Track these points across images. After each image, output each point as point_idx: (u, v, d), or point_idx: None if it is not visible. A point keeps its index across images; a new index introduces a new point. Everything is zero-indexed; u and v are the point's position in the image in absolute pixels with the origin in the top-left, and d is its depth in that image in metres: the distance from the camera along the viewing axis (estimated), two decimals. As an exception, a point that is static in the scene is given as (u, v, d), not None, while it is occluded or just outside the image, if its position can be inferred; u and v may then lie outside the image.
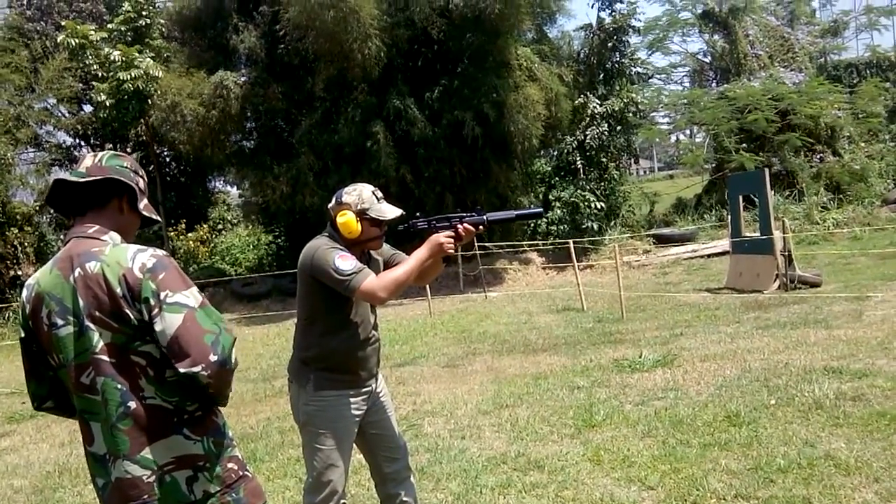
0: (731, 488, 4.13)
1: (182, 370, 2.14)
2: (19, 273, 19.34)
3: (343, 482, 3.39)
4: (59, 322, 2.23)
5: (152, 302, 2.17)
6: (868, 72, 30.43)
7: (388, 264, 3.48)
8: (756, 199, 13.63)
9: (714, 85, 27.52)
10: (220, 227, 26.27)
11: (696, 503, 4.01)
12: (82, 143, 25.45)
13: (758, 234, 12.60)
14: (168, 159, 24.19)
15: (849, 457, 4.37)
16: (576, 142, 21.18)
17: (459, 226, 3.32)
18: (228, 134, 18.70)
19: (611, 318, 10.95)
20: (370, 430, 3.50)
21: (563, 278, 17.71)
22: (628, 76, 22.87)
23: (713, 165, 24.45)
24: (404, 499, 3.61)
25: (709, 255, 17.95)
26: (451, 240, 3.26)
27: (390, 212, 3.36)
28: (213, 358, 2.15)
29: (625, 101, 21.17)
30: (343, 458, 3.36)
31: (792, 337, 7.86)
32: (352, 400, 3.38)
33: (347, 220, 3.27)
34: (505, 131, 17.63)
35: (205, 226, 24.26)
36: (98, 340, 2.20)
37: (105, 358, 2.20)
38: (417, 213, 3.51)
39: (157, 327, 2.15)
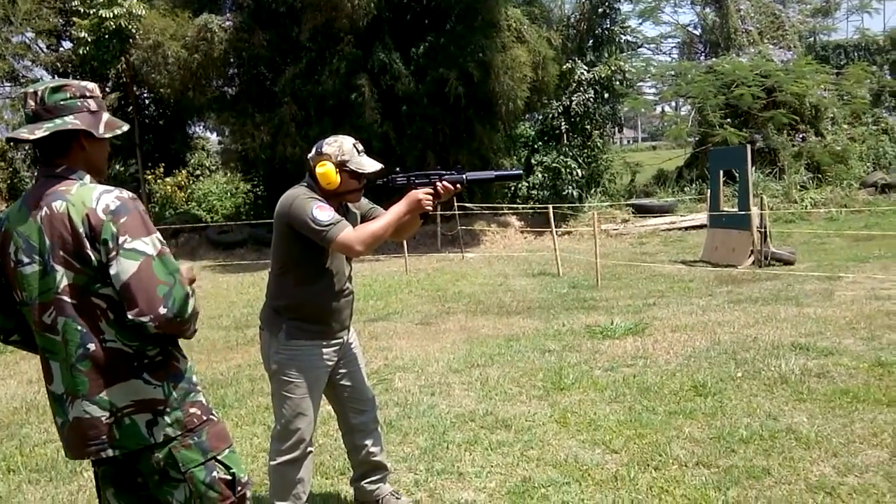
0: (693, 455, 4.20)
1: (130, 316, 2.14)
2: (-9, 209, 19.11)
3: (311, 431, 3.41)
4: (25, 260, 2.22)
5: (110, 244, 2.15)
6: (856, 54, 30.54)
7: (366, 218, 3.46)
8: (737, 175, 13.68)
9: (703, 58, 27.45)
10: (198, 173, 26.00)
11: (658, 468, 4.06)
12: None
13: (736, 209, 12.67)
14: (147, 101, 23.82)
15: (810, 431, 4.44)
16: (561, 107, 21.09)
17: (438, 183, 3.31)
18: (210, 79, 18.40)
19: (585, 284, 11.01)
20: (340, 381, 3.52)
21: (540, 243, 17.75)
22: (617, 44, 22.76)
23: (696, 139, 24.48)
24: (371, 450, 3.64)
25: (686, 228, 18.08)
26: (430, 197, 3.25)
27: (370, 165, 3.34)
28: (162, 311, 2.14)
29: (612, 68, 21.06)
30: (312, 407, 3.37)
31: (762, 312, 7.95)
32: (323, 350, 3.38)
33: (326, 171, 3.23)
34: (490, 92, 17.50)
35: (183, 171, 24.00)
36: (61, 280, 2.19)
37: (67, 298, 2.19)
38: (397, 169, 3.48)
39: (112, 271, 2.14)
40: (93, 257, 2.17)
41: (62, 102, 2.26)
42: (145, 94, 23.43)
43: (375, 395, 3.79)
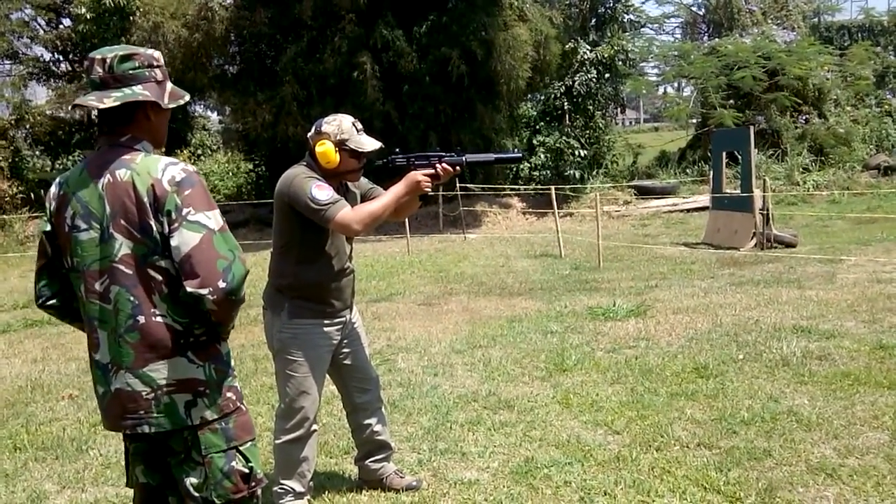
0: (695, 437, 4.22)
1: (189, 289, 2.14)
2: (-7, 187, 19.07)
3: (315, 410, 3.43)
4: (82, 225, 2.21)
5: (173, 216, 2.15)
6: (860, 35, 30.36)
7: (365, 198, 3.47)
8: (739, 157, 13.65)
9: (706, 38, 27.33)
10: (199, 152, 25.95)
11: (659, 449, 4.09)
12: (60, 57, 24.87)
13: (738, 191, 12.66)
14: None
15: (811, 413, 4.46)
16: (563, 87, 21.00)
17: (438, 165, 3.30)
18: (211, 57, 18.35)
19: (587, 266, 11.02)
20: (343, 360, 3.54)
21: (542, 224, 17.74)
22: (620, 23, 22.62)
23: (698, 120, 24.40)
24: (375, 429, 3.67)
25: (688, 210, 18.06)
26: (429, 179, 3.25)
27: (369, 144, 3.34)
28: (221, 284, 2.14)
29: (615, 48, 20.96)
30: (316, 385, 3.39)
31: (764, 295, 7.97)
32: (326, 329, 3.40)
33: (326, 150, 3.24)
34: (492, 71, 17.44)
35: (184, 151, 23.94)
36: (120, 249, 2.18)
37: (123, 268, 2.18)
38: (397, 150, 3.49)
39: (174, 242, 2.14)
40: (155, 228, 2.16)
41: (131, 72, 2.25)
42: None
43: (378, 376, 3.81)
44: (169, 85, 2.33)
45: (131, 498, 3.81)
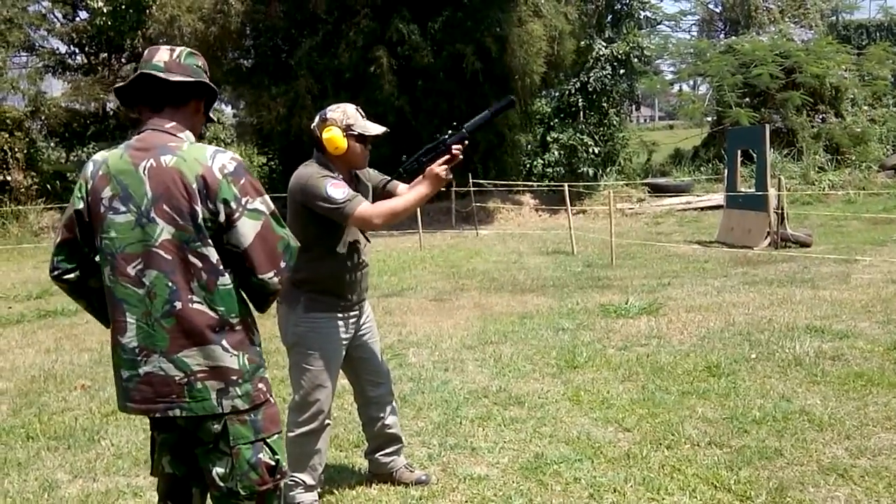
0: (706, 435, 4.21)
1: (259, 276, 2.21)
2: (8, 178, 19.17)
3: (329, 403, 3.44)
4: (120, 208, 2.22)
5: (233, 206, 2.18)
6: (878, 34, 30.11)
7: (377, 190, 3.48)
8: (754, 155, 13.58)
9: (722, 36, 27.17)
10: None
11: (670, 447, 4.08)
12: (76, 50, 25.00)
13: (753, 189, 12.60)
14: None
15: (823, 413, 4.44)
16: (578, 83, 20.93)
17: (452, 148, 3.27)
18: (226, 51, 18.40)
19: (600, 263, 10.99)
20: (356, 353, 3.54)
21: (554, 221, 17.71)
22: (636, 20, 22.52)
23: (713, 119, 24.27)
24: (386, 422, 3.68)
25: (702, 208, 17.98)
26: (446, 167, 3.23)
27: (374, 128, 3.36)
28: (282, 264, 2.24)
29: (631, 45, 20.88)
30: (331, 379, 3.40)
31: (778, 294, 7.93)
32: (341, 323, 3.40)
33: (332, 136, 3.25)
34: (506, 67, 17.40)
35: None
36: (160, 234, 2.19)
37: (162, 253, 2.20)
38: (403, 157, 3.46)
39: (238, 231, 2.18)
40: (201, 214, 2.19)
41: (195, 67, 2.34)
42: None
43: (389, 370, 3.81)
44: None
45: (142, 488, 3.85)
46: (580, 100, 20.98)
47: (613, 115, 21.53)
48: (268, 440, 2.34)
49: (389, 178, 3.54)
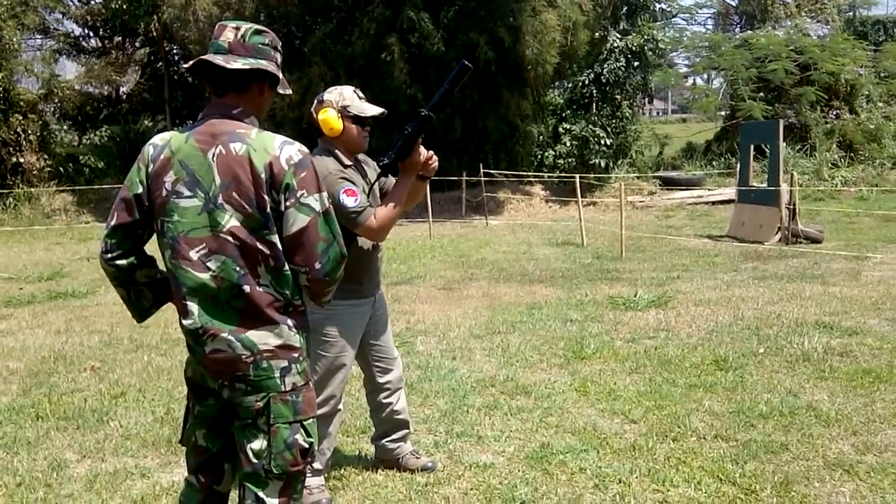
0: (712, 429, 4.21)
1: (290, 265, 2.25)
2: (21, 160, 19.25)
3: (342, 389, 3.47)
4: (186, 192, 2.24)
5: (287, 195, 2.21)
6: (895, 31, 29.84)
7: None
8: (767, 150, 13.52)
9: (737, 30, 27.00)
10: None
11: (676, 439, 4.08)
12: (90, 33, 25.03)
13: (765, 184, 12.54)
14: (177, 58, 23.81)
15: (830, 409, 4.43)
16: (592, 74, 20.85)
17: (418, 141, 3.22)
18: (240, 37, 18.37)
19: (609, 255, 10.98)
20: (368, 339, 3.56)
21: (565, 212, 17.69)
22: (652, 12, 22.41)
23: (727, 113, 24.15)
24: (395, 408, 3.69)
25: (713, 202, 17.92)
26: (418, 154, 3.22)
27: (370, 109, 3.35)
28: (317, 266, 2.25)
29: (645, 37, 20.77)
30: (345, 365, 3.43)
31: (787, 289, 7.91)
32: (357, 309, 3.44)
33: (327, 117, 3.27)
34: (519, 57, 17.35)
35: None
36: (228, 220, 2.21)
37: (230, 239, 2.22)
38: (380, 159, 3.34)
39: (286, 218, 2.22)
40: (269, 203, 2.21)
41: (261, 45, 2.32)
42: (175, 51, 23.43)
43: (399, 357, 3.82)
44: (281, 73, 2.40)
45: (150, 469, 3.88)
46: (593, 91, 20.91)
47: (626, 108, 21.45)
48: (304, 422, 2.36)
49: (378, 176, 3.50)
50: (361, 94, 3.38)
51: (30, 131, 19.49)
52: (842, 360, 5.38)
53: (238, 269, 2.23)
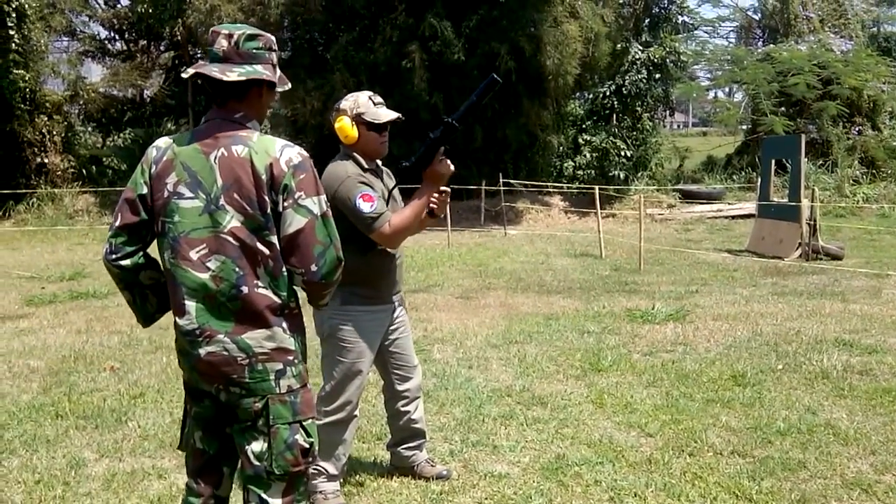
0: (729, 444, 4.19)
1: (286, 266, 2.29)
2: (45, 161, 19.44)
3: (358, 395, 3.48)
4: (187, 193, 2.28)
5: (285, 195, 2.25)
6: (920, 47, 29.55)
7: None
8: (788, 165, 13.45)
9: (760, 44, 26.88)
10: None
11: (692, 454, 4.07)
12: (116, 36, 25.31)
13: (786, 199, 12.47)
14: (201, 62, 23.99)
15: (849, 427, 4.40)
16: (613, 86, 20.83)
17: (440, 147, 3.23)
18: (264, 42, 18.51)
19: (628, 268, 10.95)
20: (389, 347, 3.58)
21: (583, 224, 17.66)
22: (674, 24, 22.37)
23: (748, 127, 24.03)
24: (412, 417, 3.70)
25: (733, 217, 17.84)
26: (442, 165, 3.22)
27: (385, 115, 3.35)
28: (313, 268, 2.28)
29: (667, 50, 20.73)
30: (362, 371, 3.43)
31: (807, 306, 7.85)
32: (376, 315, 3.44)
33: (342, 126, 3.30)
34: (540, 67, 17.36)
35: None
36: (229, 221, 2.25)
37: (231, 239, 2.26)
38: (403, 163, 3.34)
39: (282, 219, 2.26)
40: (269, 203, 2.25)
41: (255, 51, 2.34)
42: (199, 55, 23.62)
43: (419, 365, 3.83)
44: (278, 70, 2.43)
45: (167, 470, 3.91)
46: (614, 103, 20.88)
47: (647, 120, 21.41)
48: (303, 423, 2.39)
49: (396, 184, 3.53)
50: (379, 100, 3.39)
51: (55, 132, 19.69)
52: (861, 379, 5.33)
53: (238, 269, 2.26)
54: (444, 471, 3.83)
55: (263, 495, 2.37)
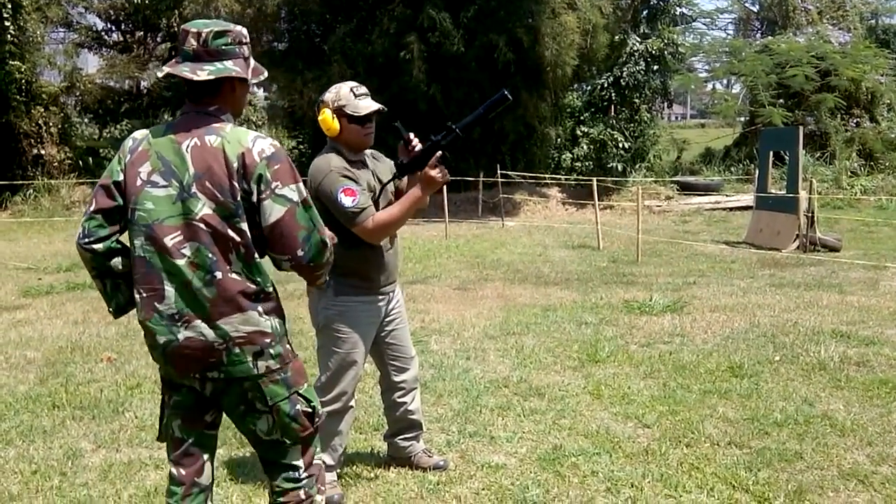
0: (726, 435, 4.19)
1: (272, 254, 2.35)
2: (42, 152, 19.40)
3: (354, 386, 3.47)
4: (160, 182, 2.32)
5: (262, 187, 2.30)
6: (919, 39, 29.52)
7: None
8: (786, 157, 13.44)
9: (758, 36, 26.84)
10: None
11: (689, 445, 4.07)
12: (113, 27, 25.23)
13: (784, 191, 12.47)
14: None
15: (845, 418, 4.41)
16: (611, 78, 20.78)
17: (438, 153, 3.18)
18: (261, 34, 18.45)
19: (625, 259, 10.95)
20: (385, 338, 3.57)
21: (581, 215, 17.65)
22: (672, 16, 22.31)
23: (746, 118, 24.01)
24: (409, 408, 3.70)
25: (731, 208, 17.85)
26: (440, 172, 3.17)
27: (366, 107, 3.29)
28: (300, 253, 2.34)
29: (665, 41, 20.68)
30: (358, 362, 3.42)
31: (804, 297, 7.86)
32: (371, 306, 3.43)
33: (324, 118, 3.29)
34: (538, 58, 17.31)
35: (229, 125, 24.16)
36: (201, 208, 2.29)
37: (202, 226, 2.30)
38: (402, 160, 3.34)
39: (262, 211, 2.30)
40: (239, 192, 2.29)
41: (224, 47, 2.37)
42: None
43: (416, 356, 3.82)
44: (252, 61, 2.46)
45: (164, 460, 3.89)
46: (612, 94, 20.84)
47: (645, 112, 21.37)
48: (300, 391, 2.46)
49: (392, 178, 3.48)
50: (362, 90, 3.34)
51: (51, 124, 19.63)
52: (858, 370, 5.34)
53: (211, 255, 2.30)
54: (442, 461, 3.83)
55: (285, 461, 2.49)
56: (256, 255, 2.34)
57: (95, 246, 2.42)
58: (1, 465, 3.96)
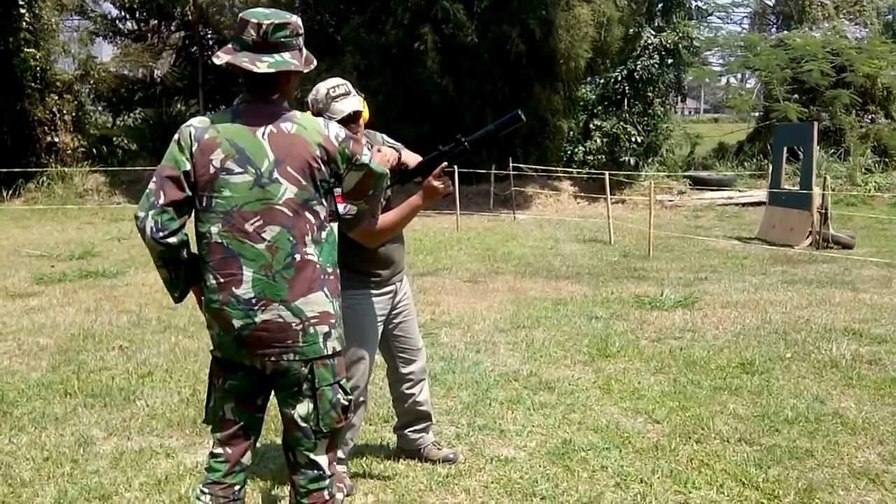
0: (736, 432, 4.18)
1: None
2: (55, 140, 19.47)
3: (366, 379, 3.47)
4: (236, 169, 2.38)
5: (345, 164, 2.53)
6: (936, 35, 29.25)
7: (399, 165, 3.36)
8: (800, 153, 13.36)
9: (774, 30, 26.65)
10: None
11: (699, 441, 4.06)
12: (127, 15, 25.29)
13: (797, 187, 12.40)
14: (211, 42, 23.98)
15: (857, 417, 4.39)
16: (625, 71, 20.67)
17: (442, 164, 3.10)
18: (275, 23, 18.45)
19: (637, 254, 10.92)
20: (392, 330, 3.57)
21: (593, 209, 17.61)
22: (687, 9, 22.16)
23: (760, 113, 23.86)
24: (418, 399, 3.70)
25: (744, 204, 17.73)
26: (443, 183, 3.10)
27: (340, 111, 3.15)
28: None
29: (680, 35, 20.54)
30: (368, 355, 3.42)
31: (817, 294, 7.82)
32: (376, 298, 3.42)
33: None
34: (552, 50, 17.26)
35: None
36: (283, 193, 2.38)
37: (286, 210, 2.39)
38: (405, 165, 3.29)
39: (346, 180, 2.59)
40: (320, 176, 2.45)
41: (282, 39, 2.43)
42: (209, 35, 23.58)
43: (424, 348, 3.83)
44: (304, 51, 2.51)
45: (175, 449, 3.93)
46: (625, 88, 20.73)
47: (658, 106, 21.25)
48: (340, 382, 2.55)
49: (394, 143, 3.44)
50: (340, 91, 3.20)
51: (65, 111, 19.70)
52: (870, 368, 5.31)
53: (291, 238, 2.39)
54: (451, 454, 3.83)
55: (311, 456, 2.56)
56: (326, 235, 2.45)
57: (170, 240, 2.43)
58: (13, 451, 3.99)
